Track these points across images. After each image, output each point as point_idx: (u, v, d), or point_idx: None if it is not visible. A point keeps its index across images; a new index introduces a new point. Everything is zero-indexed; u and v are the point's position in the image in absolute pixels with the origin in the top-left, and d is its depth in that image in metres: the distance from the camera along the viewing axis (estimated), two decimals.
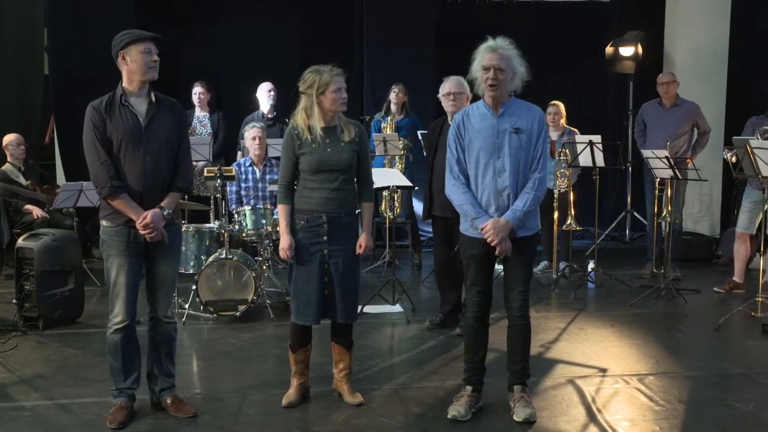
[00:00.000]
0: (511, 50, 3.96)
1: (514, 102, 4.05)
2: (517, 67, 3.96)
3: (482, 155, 3.98)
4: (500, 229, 3.92)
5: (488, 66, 3.91)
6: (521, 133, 3.96)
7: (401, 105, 8.01)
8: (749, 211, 6.85)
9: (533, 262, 4.24)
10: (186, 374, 4.78)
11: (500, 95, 3.96)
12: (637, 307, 6.49)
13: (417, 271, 7.97)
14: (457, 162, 4.07)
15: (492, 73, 3.90)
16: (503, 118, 3.99)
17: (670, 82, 7.59)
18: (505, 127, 3.97)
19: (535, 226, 4.10)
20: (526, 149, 3.98)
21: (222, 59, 9.32)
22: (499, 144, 3.96)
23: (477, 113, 4.05)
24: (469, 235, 4.08)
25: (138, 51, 3.83)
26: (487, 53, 3.93)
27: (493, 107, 4.01)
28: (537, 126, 4.00)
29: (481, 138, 3.99)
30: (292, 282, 4.27)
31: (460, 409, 4.07)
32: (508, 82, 3.95)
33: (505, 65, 3.91)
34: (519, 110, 4.02)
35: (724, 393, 4.52)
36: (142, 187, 3.90)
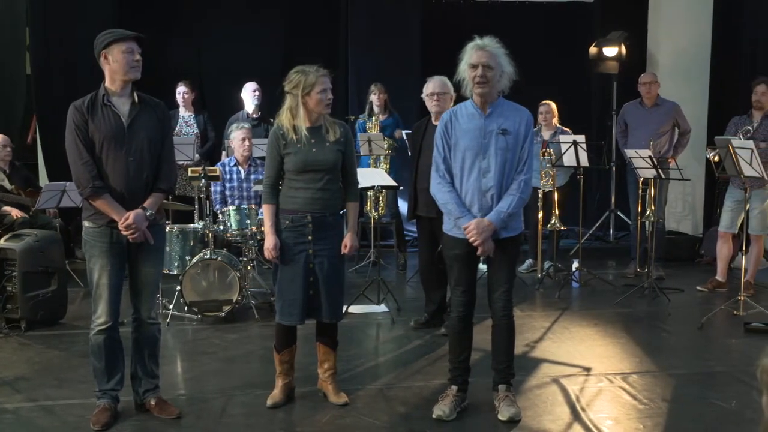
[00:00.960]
0: (499, 49, 3.96)
1: (502, 102, 4.05)
2: (505, 66, 3.96)
3: (468, 155, 3.98)
4: (483, 229, 3.92)
5: (476, 63, 3.91)
6: (508, 134, 3.96)
7: (383, 104, 8.01)
8: (731, 210, 6.89)
9: (517, 262, 4.25)
10: (170, 375, 4.75)
11: (488, 93, 3.96)
12: (620, 306, 6.52)
13: (402, 270, 7.97)
14: (443, 161, 4.07)
15: (480, 71, 3.90)
16: (491, 118, 3.99)
17: (652, 83, 7.64)
18: (492, 127, 3.97)
19: (518, 227, 4.11)
20: (513, 150, 3.98)
21: (206, 59, 9.28)
22: (485, 144, 3.96)
23: (465, 113, 4.05)
24: (452, 235, 4.09)
25: (120, 50, 3.81)
26: (475, 51, 3.94)
27: (481, 107, 4.01)
28: (524, 128, 4.00)
29: (468, 138, 3.99)
30: (276, 282, 4.26)
31: (445, 408, 4.07)
32: (497, 81, 3.95)
33: (494, 63, 3.91)
34: (507, 111, 4.02)
35: (707, 391, 4.55)
36: (124, 187, 3.87)
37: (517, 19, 9.63)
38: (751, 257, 6.78)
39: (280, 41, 9.40)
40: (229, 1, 9.39)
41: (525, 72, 4.08)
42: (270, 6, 9.45)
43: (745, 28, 8.77)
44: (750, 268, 6.74)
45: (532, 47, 9.49)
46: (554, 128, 7.82)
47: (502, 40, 4.04)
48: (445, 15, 9.59)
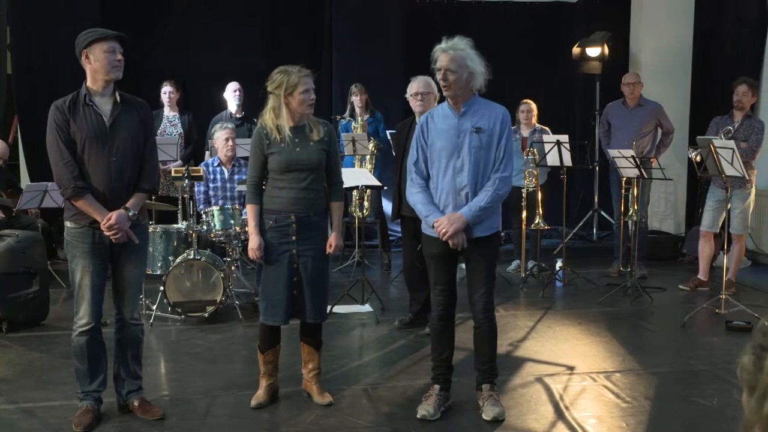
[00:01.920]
0: (466, 50, 3.94)
1: (478, 101, 4.05)
2: (474, 67, 3.94)
3: (443, 154, 3.99)
4: (453, 221, 3.90)
5: (439, 68, 3.94)
6: (482, 133, 3.96)
7: (365, 104, 8.01)
8: (713, 209, 6.94)
9: (496, 262, 4.24)
10: (153, 376, 4.73)
11: (454, 95, 3.97)
12: (604, 305, 6.55)
13: (386, 270, 7.98)
14: (415, 163, 4.08)
15: (442, 74, 3.92)
16: (465, 117, 3.99)
17: (635, 83, 7.68)
18: (466, 126, 3.97)
19: (495, 226, 4.10)
20: (487, 149, 3.98)
21: (188, 59, 9.24)
22: (459, 143, 3.97)
23: (441, 113, 4.07)
24: (429, 234, 4.09)
25: (102, 50, 3.79)
26: (439, 55, 3.95)
27: (454, 107, 4.02)
28: (499, 125, 3.99)
29: (442, 138, 4.00)
30: (260, 282, 4.25)
31: (429, 408, 4.08)
32: (464, 82, 3.94)
33: (455, 66, 3.91)
34: (482, 109, 4.02)
35: (689, 389, 4.58)
36: (106, 187, 3.85)
37: (500, 19, 9.66)
38: (733, 256, 6.83)
39: (263, 42, 9.37)
40: (212, 2, 9.35)
41: (508, 72, 4.11)
42: (253, 6, 9.42)
43: (726, 29, 8.84)
44: (731, 267, 6.79)
45: (516, 47, 9.54)
46: (533, 127, 7.85)
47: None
48: (428, 15, 9.60)
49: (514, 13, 9.83)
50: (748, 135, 6.69)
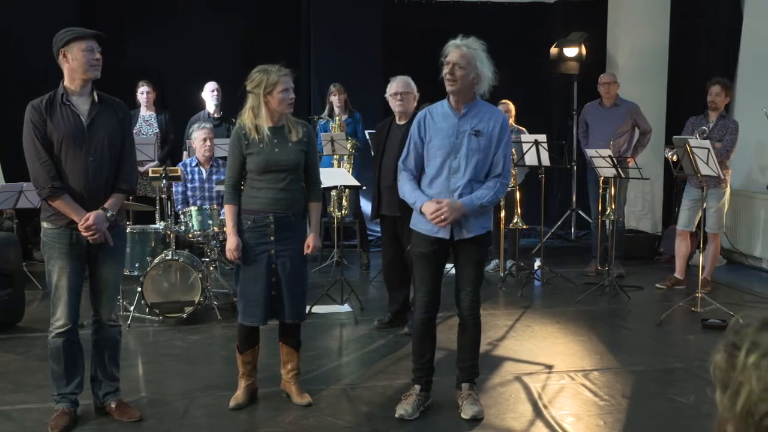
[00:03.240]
0: (479, 51, 3.97)
1: (479, 104, 4.05)
2: (482, 70, 3.96)
3: (439, 154, 3.99)
4: (455, 209, 3.90)
5: (448, 61, 3.93)
6: (481, 136, 3.97)
7: (344, 104, 8.00)
8: (689, 208, 7.00)
9: (485, 261, 4.26)
10: (131, 378, 4.70)
11: (458, 92, 3.96)
12: (582, 304, 6.59)
13: (365, 270, 7.97)
14: (404, 161, 4.10)
15: (450, 68, 3.91)
16: (465, 119, 3.99)
17: (611, 83, 7.74)
18: (465, 128, 3.98)
19: (487, 225, 4.13)
20: (485, 152, 3.99)
21: (166, 59, 9.18)
22: (457, 144, 3.97)
23: (440, 111, 4.06)
24: (418, 231, 4.09)
25: (80, 49, 3.76)
26: (451, 49, 3.95)
27: (455, 106, 4.02)
28: (498, 130, 4.00)
29: (440, 137, 4.00)
30: (238, 283, 4.24)
31: (408, 408, 4.08)
32: (469, 81, 3.94)
33: (465, 63, 3.91)
34: (482, 112, 4.02)
35: (666, 387, 4.63)
36: (84, 187, 3.82)
37: (478, 19, 9.67)
38: (708, 255, 6.90)
39: (242, 41, 9.34)
40: (190, 1, 9.30)
41: None
42: (231, 5, 9.38)
43: (701, 29, 8.93)
44: (707, 266, 6.85)
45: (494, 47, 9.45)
46: (511, 128, 7.87)
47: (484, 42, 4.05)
48: (407, 15, 9.61)
49: (492, 14, 9.86)
50: (722, 135, 6.76)
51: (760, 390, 1.23)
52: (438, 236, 4.01)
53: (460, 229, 4.00)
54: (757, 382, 1.23)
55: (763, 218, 7.85)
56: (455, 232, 4.00)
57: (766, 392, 1.22)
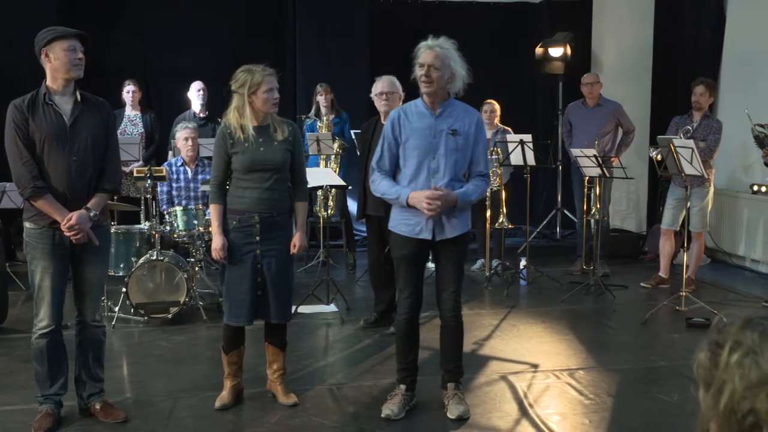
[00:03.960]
0: (451, 50, 3.97)
1: (454, 103, 4.06)
2: (456, 69, 3.96)
3: (416, 154, 3.99)
4: (448, 201, 3.91)
5: (423, 63, 3.93)
6: (458, 135, 3.98)
7: (330, 104, 7.99)
8: (673, 208, 7.04)
9: (465, 261, 4.27)
10: (116, 379, 4.67)
11: (434, 93, 3.97)
12: (567, 304, 6.61)
13: (351, 270, 7.97)
14: (378, 161, 4.09)
15: (425, 70, 3.91)
16: (441, 118, 4.00)
17: (594, 83, 7.77)
18: (442, 127, 3.98)
19: (466, 225, 4.14)
20: (463, 151, 4.01)
21: (151, 58, 9.14)
22: (435, 144, 3.98)
23: (415, 111, 4.05)
24: (399, 233, 4.09)
25: (62, 48, 3.73)
26: (424, 51, 3.95)
27: (431, 106, 4.02)
28: (474, 129, 4.03)
29: (417, 136, 3.99)
30: (224, 283, 4.23)
31: (394, 407, 4.08)
32: (444, 82, 3.95)
33: (440, 64, 3.92)
34: (457, 112, 4.04)
35: (651, 385, 4.65)
36: (66, 187, 3.79)
37: (464, 19, 9.70)
38: (692, 254, 6.93)
39: (227, 41, 9.30)
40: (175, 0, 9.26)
41: (471, 71, 4.11)
42: (216, 5, 9.35)
43: (685, 29, 8.98)
44: (691, 265, 6.89)
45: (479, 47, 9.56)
46: (496, 127, 7.89)
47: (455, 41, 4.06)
48: (393, 14, 9.61)
49: (478, 14, 9.88)
50: (706, 135, 6.80)
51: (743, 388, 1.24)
52: (420, 237, 4.01)
53: (442, 230, 4.01)
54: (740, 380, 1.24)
55: (747, 217, 7.90)
56: (437, 233, 4.01)
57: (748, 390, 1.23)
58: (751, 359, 1.24)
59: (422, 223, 4.00)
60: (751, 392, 1.23)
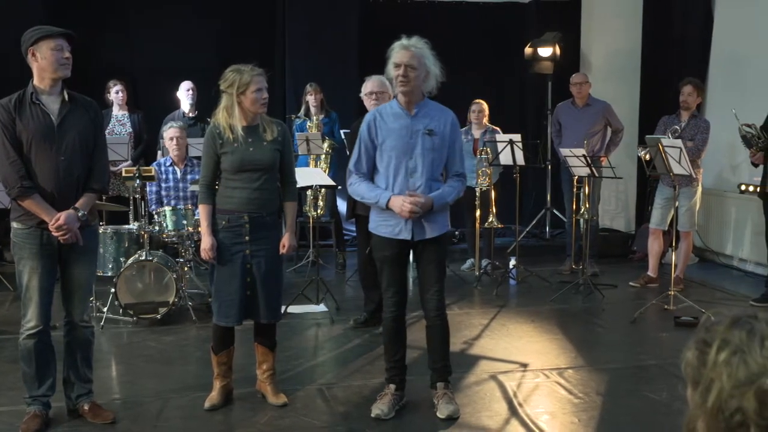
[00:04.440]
0: (425, 50, 3.98)
1: (428, 103, 4.07)
2: (430, 68, 3.97)
3: (393, 155, 3.99)
4: (424, 206, 3.92)
5: (399, 63, 3.92)
6: (434, 135, 3.99)
7: (320, 104, 7.99)
8: (661, 207, 7.07)
9: (446, 260, 4.27)
10: (104, 379, 4.66)
11: (411, 93, 3.97)
12: (556, 303, 6.63)
13: (341, 270, 7.96)
14: (356, 164, 4.09)
15: (402, 70, 3.91)
16: (417, 118, 4.00)
17: (583, 83, 7.79)
18: (418, 127, 3.99)
19: (446, 225, 4.14)
20: (439, 151, 4.02)
21: (139, 58, 9.10)
22: (412, 144, 3.98)
23: (390, 112, 4.06)
24: (379, 235, 4.09)
25: (48, 47, 3.71)
26: (399, 51, 3.95)
27: (406, 107, 4.02)
28: (450, 128, 4.04)
29: (393, 137, 4.00)
30: (213, 283, 4.22)
31: (383, 407, 4.08)
32: (420, 81, 3.96)
33: (417, 63, 3.92)
34: (432, 111, 4.05)
35: (639, 384, 4.67)
36: (54, 187, 3.78)
37: (453, 18, 9.71)
38: (681, 253, 6.97)
39: (216, 40, 9.27)
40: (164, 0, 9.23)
41: (461, 71, 4.12)
42: (206, 4, 9.32)
43: (673, 30, 9.01)
44: (679, 264, 6.92)
45: (468, 47, 9.60)
46: (485, 127, 7.89)
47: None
48: (382, 14, 9.60)
49: (467, 13, 9.88)
50: (694, 134, 6.83)
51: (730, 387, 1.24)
52: (399, 238, 4.02)
53: (421, 230, 4.02)
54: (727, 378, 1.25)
55: (734, 217, 7.94)
56: (416, 233, 4.02)
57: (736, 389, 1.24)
58: (739, 358, 1.25)
59: (401, 224, 4.00)
60: (739, 391, 1.23)
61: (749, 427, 1.23)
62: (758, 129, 6.31)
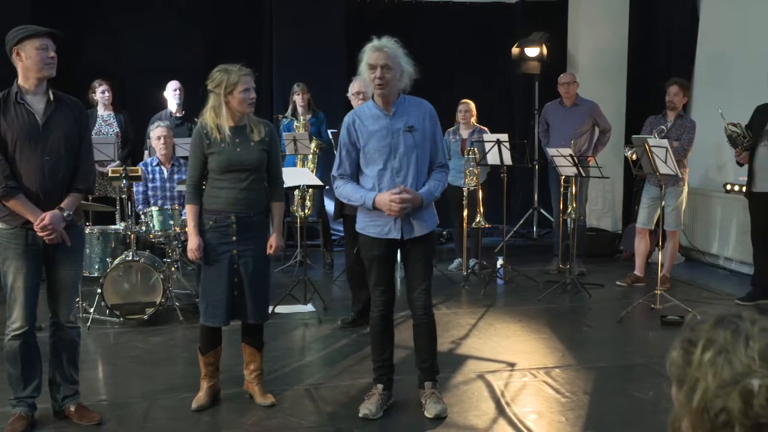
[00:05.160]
0: (397, 49, 3.98)
1: (404, 99, 4.07)
2: (405, 66, 3.98)
3: (377, 156, 3.99)
4: (413, 201, 3.92)
5: (375, 65, 3.92)
6: (415, 131, 3.99)
7: (307, 104, 7.98)
8: (648, 207, 7.10)
9: (433, 258, 4.28)
10: (91, 381, 4.63)
11: (389, 94, 3.98)
12: (544, 302, 6.65)
13: (329, 270, 7.96)
14: (339, 166, 4.09)
15: (379, 72, 3.91)
16: (396, 117, 4.00)
17: (571, 83, 7.81)
18: (398, 126, 3.99)
19: (433, 223, 4.14)
20: (422, 146, 4.02)
21: (126, 58, 9.05)
22: (394, 144, 3.98)
23: (369, 114, 4.04)
24: (367, 235, 4.09)
25: (33, 47, 3.69)
26: (373, 52, 3.94)
27: (384, 107, 4.02)
28: (429, 122, 4.04)
29: (375, 139, 3.99)
30: (200, 283, 4.20)
31: (371, 407, 4.08)
32: (396, 81, 3.96)
33: (393, 63, 3.92)
34: (410, 107, 4.04)
35: (626, 383, 4.69)
36: (39, 187, 3.75)
37: (440, 19, 9.71)
38: (667, 252, 7.00)
39: (203, 40, 9.23)
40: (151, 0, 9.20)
41: (448, 71, 4.13)
42: (193, 4, 9.29)
43: (659, 31, 9.05)
44: (666, 263, 6.95)
45: (456, 47, 9.62)
46: (472, 127, 7.90)
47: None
48: (369, 14, 9.60)
49: (454, 14, 9.89)
50: (680, 134, 6.86)
51: (715, 386, 1.25)
52: (389, 237, 4.02)
53: (410, 229, 4.02)
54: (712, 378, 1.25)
55: (720, 216, 7.99)
56: (405, 232, 4.02)
57: (721, 388, 1.24)
58: (724, 357, 1.25)
59: (390, 223, 4.00)
60: (724, 390, 1.24)
61: (734, 426, 1.23)
62: (744, 128, 6.35)
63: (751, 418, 1.22)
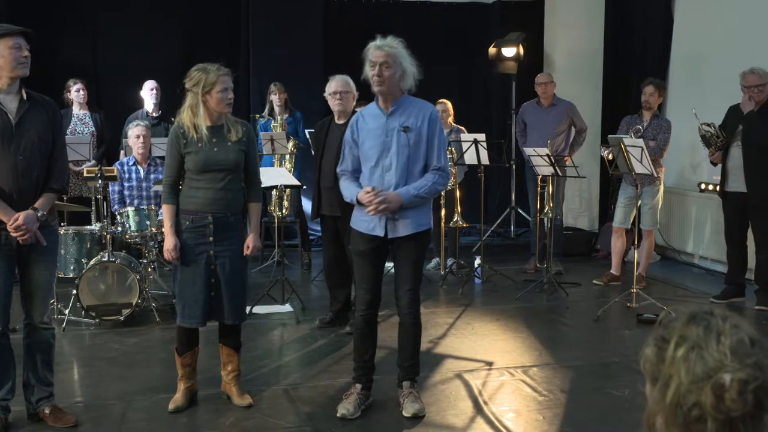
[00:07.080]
0: (400, 49, 4.01)
1: (407, 100, 4.09)
2: (407, 66, 4.00)
3: (372, 154, 4.03)
4: (391, 200, 3.92)
5: (374, 62, 3.96)
6: (410, 131, 4.01)
7: (284, 104, 7.96)
8: (624, 206, 7.15)
9: (424, 259, 4.29)
10: (66, 382, 4.59)
11: (387, 91, 4.00)
12: (521, 301, 6.68)
13: (307, 270, 7.94)
14: (342, 163, 4.16)
15: (377, 69, 3.94)
16: (393, 116, 4.03)
17: (548, 83, 7.85)
18: (394, 125, 4.01)
19: (426, 223, 4.15)
20: (415, 147, 4.02)
21: (101, 57, 8.98)
22: (387, 142, 4.00)
23: (370, 113, 4.11)
24: (357, 229, 4.10)
25: (6, 46, 3.65)
26: (374, 51, 3.99)
27: (383, 106, 4.05)
28: (428, 123, 4.04)
29: (371, 137, 4.03)
30: (177, 284, 4.18)
31: (349, 407, 4.08)
32: (396, 80, 3.99)
33: (392, 62, 3.95)
34: (410, 108, 4.06)
35: (603, 381, 4.72)
36: (13, 187, 3.71)
37: (417, 18, 9.73)
38: (643, 251, 7.05)
39: (181, 39, 9.19)
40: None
41: (425, 71, 4.14)
42: (169, 3, 9.23)
43: (635, 31, 9.13)
44: (642, 262, 7.01)
45: (433, 47, 9.62)
46: (450, 127, 7.92)
47: (404, 39, 4.09)
48: (346, 14, 9.60)
49: (431, 13, 9.91)
50: (656, 134, 6.92)
51: (688, 382, 1.26)
52: (374, 234, 4.03)
53: (394, 227, 4.03)
54: (685, 374, 1.27)
55: (695, 215, 8.07)
56: (389, 230, 4.03)
57: (694, 384, 1.26)
58: (696, 353, 1.27)
59: (375, 221, 4.02)
60: (697, 386, 1.25)
61: (707, 421, 1.25)
62: (717, 128, 6.41)
63: (723, 412, 1.23)
